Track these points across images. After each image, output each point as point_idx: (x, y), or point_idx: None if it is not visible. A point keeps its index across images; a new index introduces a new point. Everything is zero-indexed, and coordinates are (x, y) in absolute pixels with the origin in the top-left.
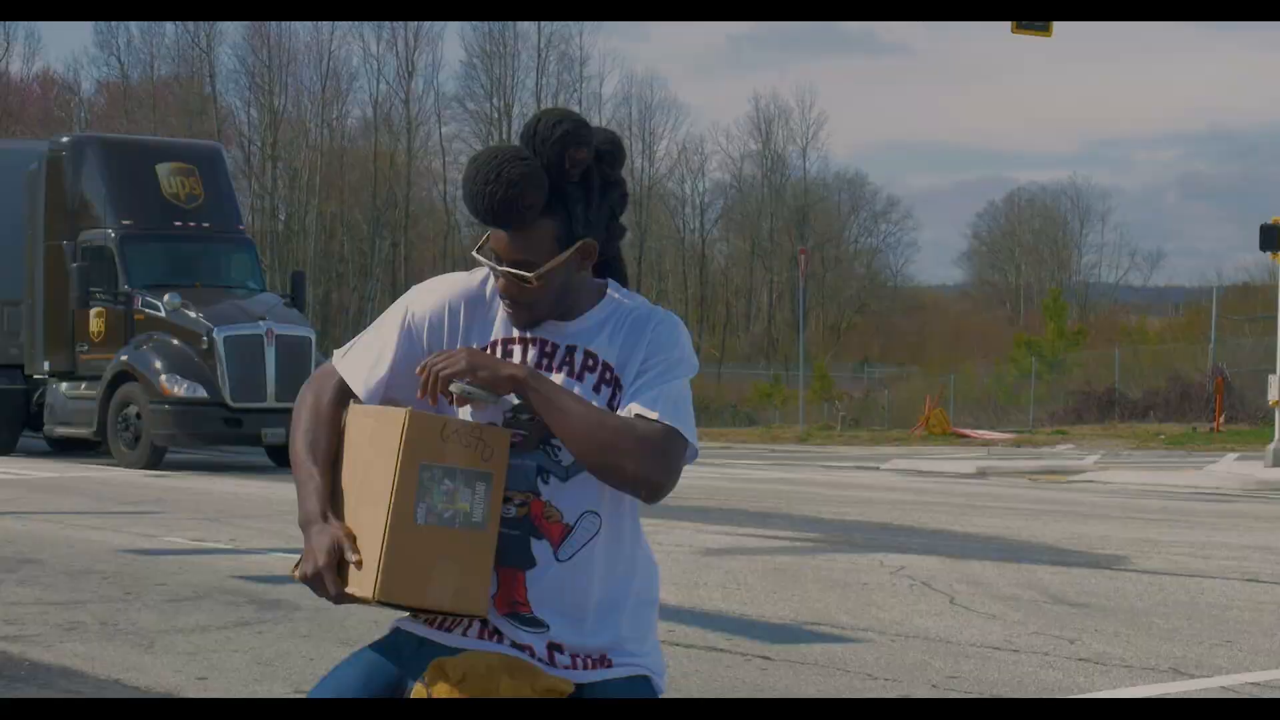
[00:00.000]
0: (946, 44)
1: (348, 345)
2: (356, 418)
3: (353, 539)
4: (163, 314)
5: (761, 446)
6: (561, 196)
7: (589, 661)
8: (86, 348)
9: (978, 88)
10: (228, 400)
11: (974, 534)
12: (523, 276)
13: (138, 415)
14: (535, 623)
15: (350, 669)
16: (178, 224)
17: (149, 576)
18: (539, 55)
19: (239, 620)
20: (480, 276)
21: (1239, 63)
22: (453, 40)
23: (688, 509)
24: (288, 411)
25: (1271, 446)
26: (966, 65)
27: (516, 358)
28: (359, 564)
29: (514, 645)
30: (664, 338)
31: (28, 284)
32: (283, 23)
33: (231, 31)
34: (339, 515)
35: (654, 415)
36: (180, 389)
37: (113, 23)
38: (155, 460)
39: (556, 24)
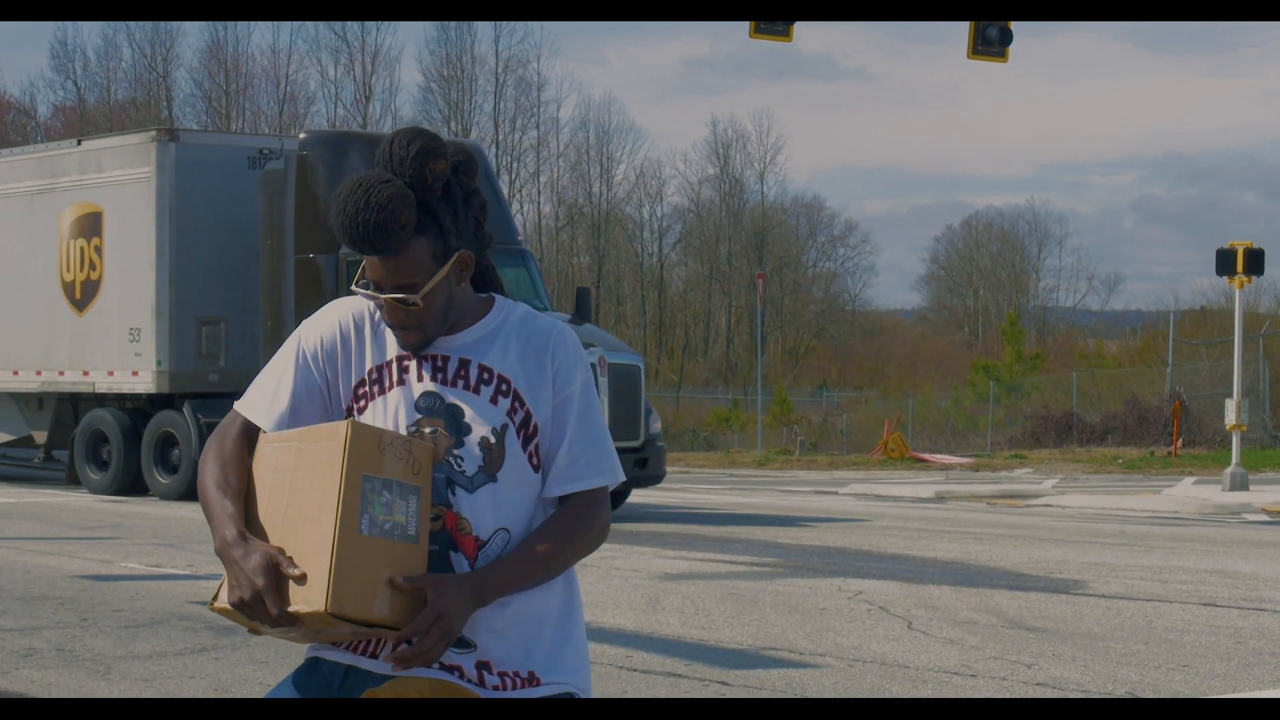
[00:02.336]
0: (903, 69)
1: (245, 392)
2: (272, 445)
3: (285, 555)
4: None
5: (720, 471)
6: (430, 212)
7: (518, 680)
8: None
9: (935, 113)
10: None
11: (932, 558)
12: (407, 299)
13: None
14: (462, 642)
15: (285, 694)
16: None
17: (106, 602)
18: (496, 79)
19: (196, 646)
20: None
21: (1194, 87)
22: (410, 64)
23: (645, 534)
24: (625, 451)
25: (1229, 470)
26: (923, 90)
27: (412, 374)
28: (301, 577)
29: (443, 666)
30: (568, 362)
31: (266, 300)
32: (240, 46)
33: (189, 55)
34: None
35: (589, 487)
36: None
37: (69, 46)
38: None
39: (514, 48)
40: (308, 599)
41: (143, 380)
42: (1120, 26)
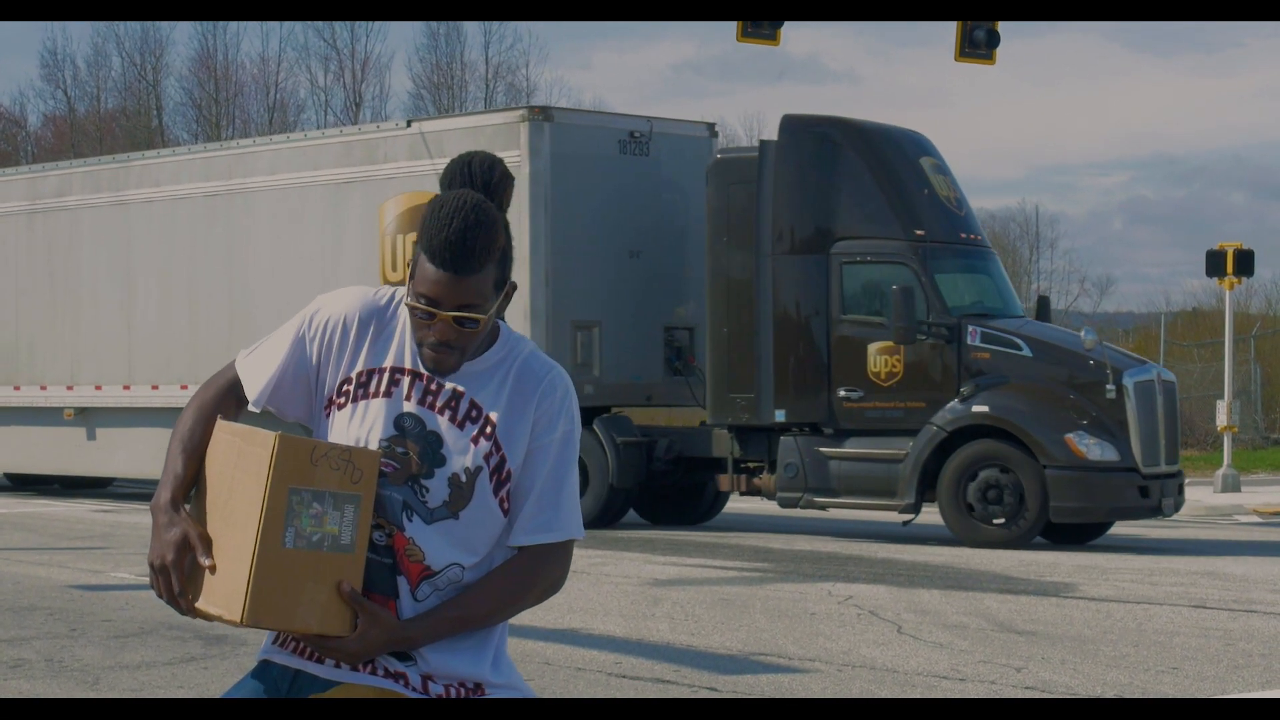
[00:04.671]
0: (891, 72)
1: (256, 344)
2: (223, 436)
3: (206, 542)
4: (1025, 352)
5: None
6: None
7: (463, 690)
8: (860, 393)
9: (923, 115)
10: (1139, 464)
11: (922, 562)
12: (467, 321)
13: (1010, 483)
14: (404, 656)
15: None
16: (963, 235)
17: (95, 613)
18: (487, 85)
19: (185, 656)
20: (386, 296)
21: (1181, 88)
22: (400, 71)
23: (634, 540)
24: (1173, 477)
25: (1220, 472)
26: (912, 93)
27: (401, 390)
28: (212, 569)
29: (387, 674)
30: (552, 410)
31: (718, 303)
32: (229, 55)
33: (178, 64)
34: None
35: (548, 541)
36: (1092, 450)
37: (58, 55)
38: (1026, 538)
39: (504, 54)
40: (227, 606)
41: None
42: (1108, 27)
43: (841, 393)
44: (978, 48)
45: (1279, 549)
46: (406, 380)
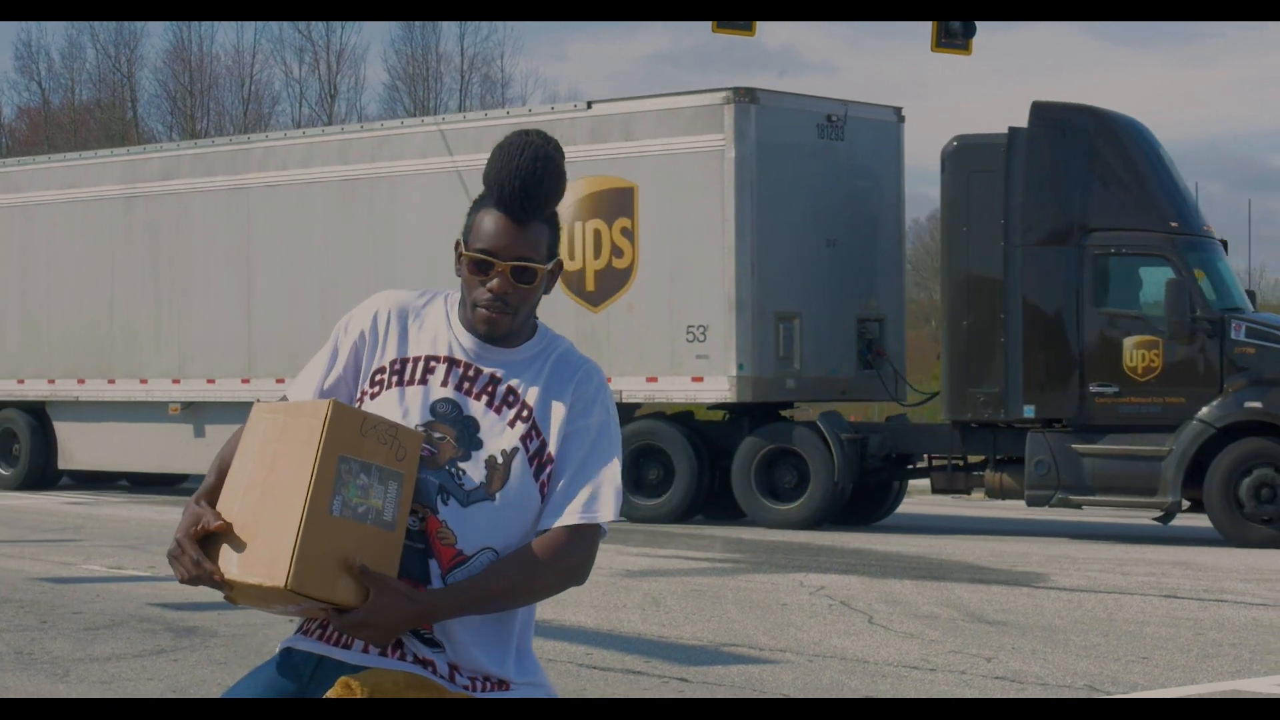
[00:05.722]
0: (868, 63)
1: (296, 378)
2: (263, 415)
3: (216, 515)
4: None
5: None
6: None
7: (488, 684)
8: (1115, 388)
9: (901, 106)
10: None
11: (894, 553)
12: (533, 270)
13: None
14: (434, 643)
15: (252, 686)
16: (1205, 227)
17: (66, 605)
18: (462, 77)
19: (155, 648)
20: (417, 292)
21: (1158, 79)
22: (375, 63)
23: (609, 531)
24: None
25: None
26: (889, 83)
27: (437, 376)
28: (220, 528)
29: (416, 660)
30: (588, 396)
31: (955, 294)
32: (204, 46)
33: (153, 56)
34: (228, 506)
35: (574, 523)
36: None
37: (33, 47)
38: None
39: (479, 46)
40: (270, 573)
41: (713, 388)
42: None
43: (1094, 388)
44: (954, 38)
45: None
46: (443, 367)
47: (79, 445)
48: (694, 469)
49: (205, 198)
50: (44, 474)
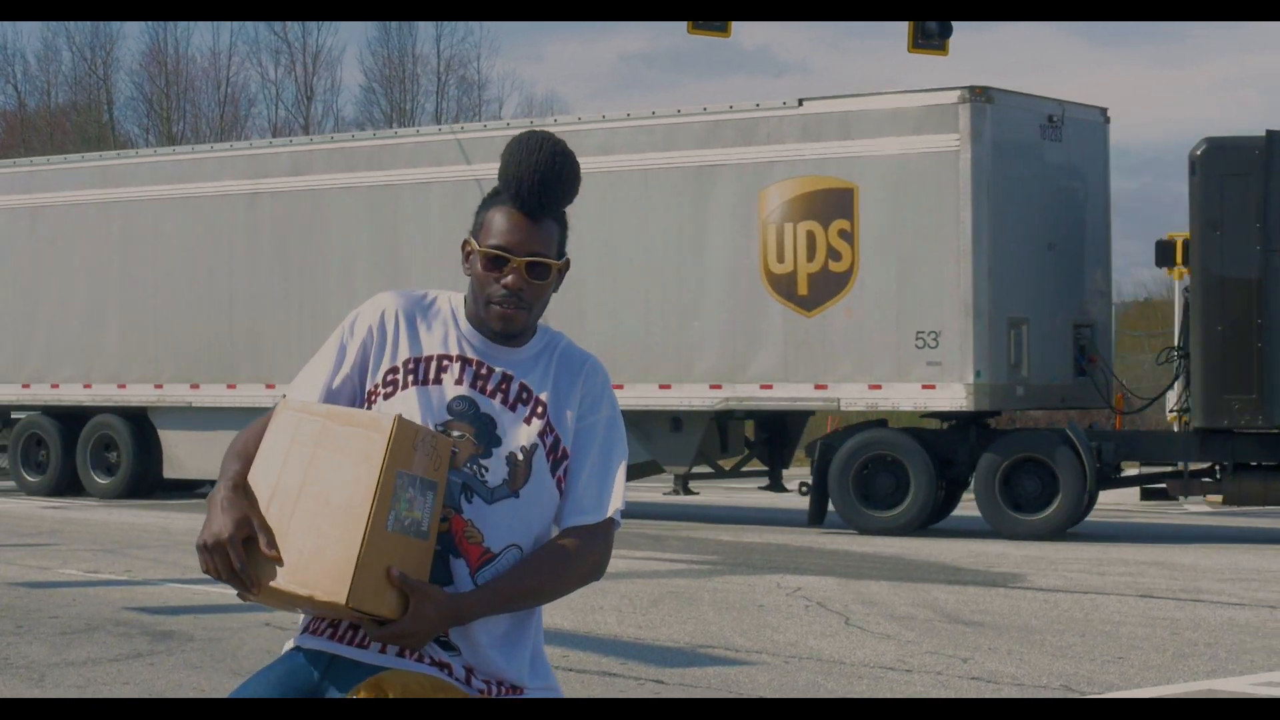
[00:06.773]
0: (844, 63)
1: (295, 381)
2: (295, 414)
3: (269, 532)
4: None
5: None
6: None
7: (504, 689)
8: None
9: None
10: None
11: (871, 554)
12: (547, 265)
13: None
14: (450, 646)
15: (263, 684)
16: None
17: (42, 609)
18: (438, 79)
19: (131, 652)
20: (423, 292)
21: (1133, 79)
22: (351, 65)
23: None
24: None
25: None
26: (865, 84)
27: (450, 375)
28: (278, 559)
29: (433, 662)
30: (596, 390)
31: (1208, 302)
32: (180, 49)
33: (129, 58)
34: (263, 507)
35: (592, 521)
36: None
37: (8, 49)
38: None
39: (455, 48)
40: (328, 589)
41: (946, 395)
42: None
43: None
44: (930, 38)
45: (1227, 538)
46: (456, 366)
47: (189, 453)
48: (931, 480)
49: (341, 194)
50: (143, 482)
